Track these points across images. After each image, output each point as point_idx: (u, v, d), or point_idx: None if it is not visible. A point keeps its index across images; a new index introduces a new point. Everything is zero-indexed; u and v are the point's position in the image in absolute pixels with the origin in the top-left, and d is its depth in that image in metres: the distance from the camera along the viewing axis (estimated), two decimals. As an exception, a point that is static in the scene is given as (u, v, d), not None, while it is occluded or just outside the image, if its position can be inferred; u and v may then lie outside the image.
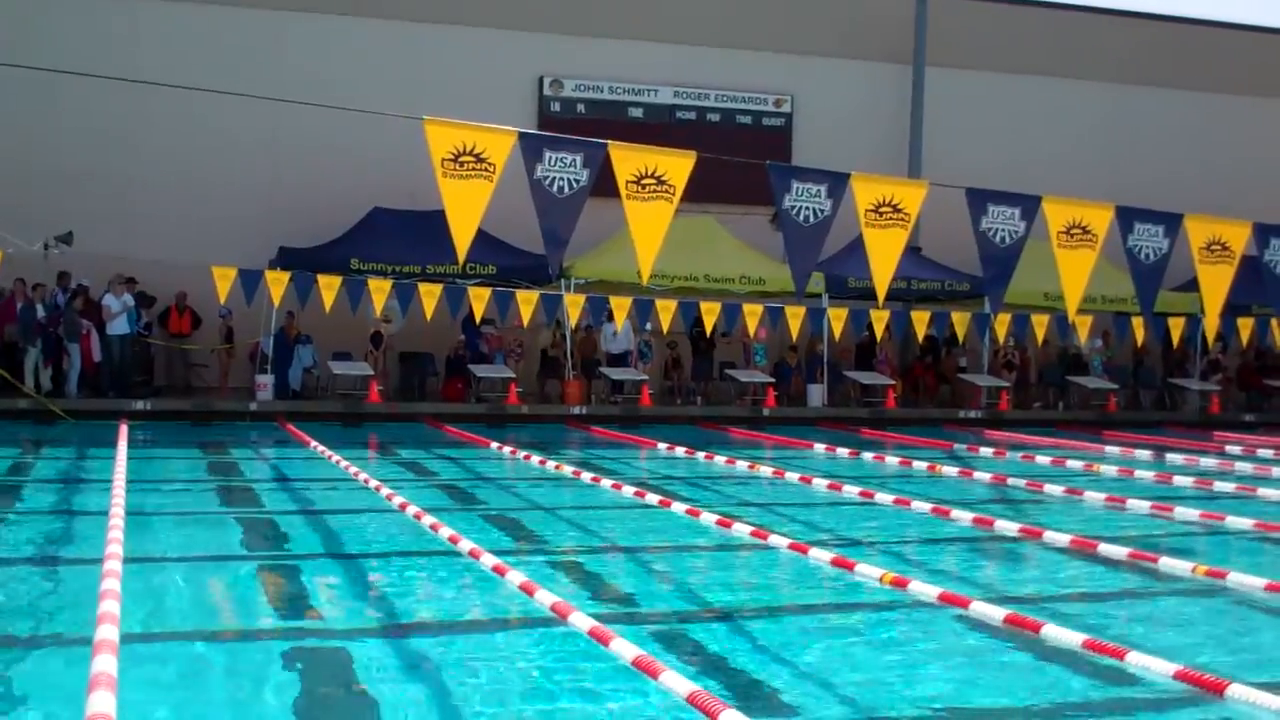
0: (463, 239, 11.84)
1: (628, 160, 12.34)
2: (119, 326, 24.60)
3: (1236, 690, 6.19)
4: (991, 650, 7.44)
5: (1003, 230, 14.17)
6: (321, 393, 27.26)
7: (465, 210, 11.73)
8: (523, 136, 12.22)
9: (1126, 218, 15.01)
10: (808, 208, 13.32)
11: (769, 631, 7.95)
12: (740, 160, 15.92)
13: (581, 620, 7.32)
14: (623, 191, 12.32)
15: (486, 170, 11.61)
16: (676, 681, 6.01)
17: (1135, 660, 6.79)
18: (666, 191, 12.37)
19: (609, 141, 12.47)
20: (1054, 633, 7.43)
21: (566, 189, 12.08)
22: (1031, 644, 7.40)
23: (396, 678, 6.59)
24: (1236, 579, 9.32)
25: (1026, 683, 6.76)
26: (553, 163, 12.09)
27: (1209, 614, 8.83)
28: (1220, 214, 16.33)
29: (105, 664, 5.74)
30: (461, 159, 11.56)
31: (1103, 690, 6.62)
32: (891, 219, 13.65)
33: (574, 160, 12.13)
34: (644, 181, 12.30)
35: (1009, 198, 14.33)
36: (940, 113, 33.54)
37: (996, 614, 7.94)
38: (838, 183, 13.59)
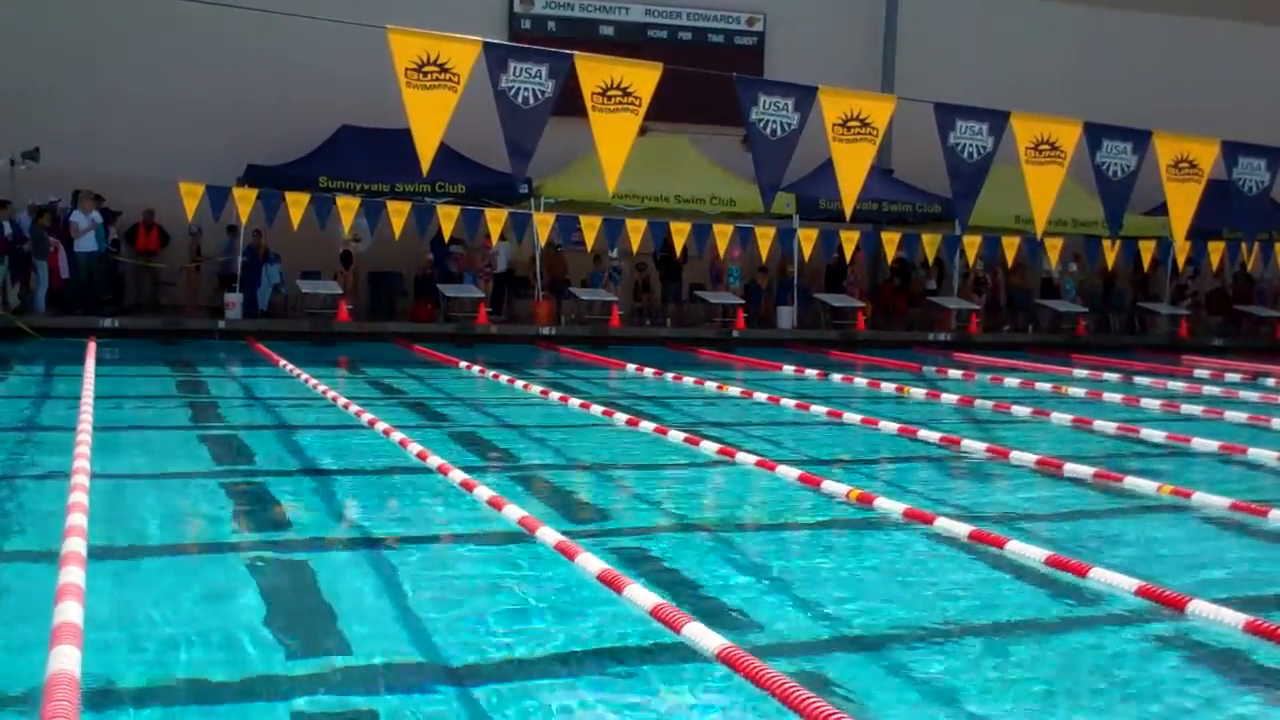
0: (426, 150, 11.73)
1: (593, 72, 12.24)
2: (87, 244, 24.43)
3: (1197, 606, 6.24)
4: (955, 566, 7.48)
5: (971, 145, 14.14)
6: (291, 312, 27.15)
7: (429, 121, 11.62)
8: (487, 46, 12.08)
9: (1095, 134, 14.99)
10: (775, 121, 13.25)
11: (734, 546, 7.99)
12: (707, 73, 15.80)
13: (548, 535, 7.33)
14: (588, 103, 12.23)
15: (451, 80, 11.49)
16: (641, 595, 6.03)
17: (1098, 576, 6.84)
18: (632, 103, 12.27)
19: (574, 52, 12.37)
20: (1017, 549, 7.47)
21: (531, 100, 11.97)
22: (995, 560, 7.45)
23: (364, 591, 6.59)
24: (1201, 498, 9.38)
25: (989, 598, 6.80)
26: (517, 73, 11.98)
27: (1173, 533, 8.89)
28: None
29: (73, 575, 5.74)
30: (425, 69, 11.44)
31: (1065, 606, 6.68)
32: (859, 133, 13.60)
33: (539, 71, 12.02)
34: (610, 93, 12.20)
35: (977, 113, 14.30)
36: (914, 33, 33.38)
37: (961, 530, 7.98)
38: (805, 96, 13.52)
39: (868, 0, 33.78)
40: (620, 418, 13.42)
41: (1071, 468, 10.70)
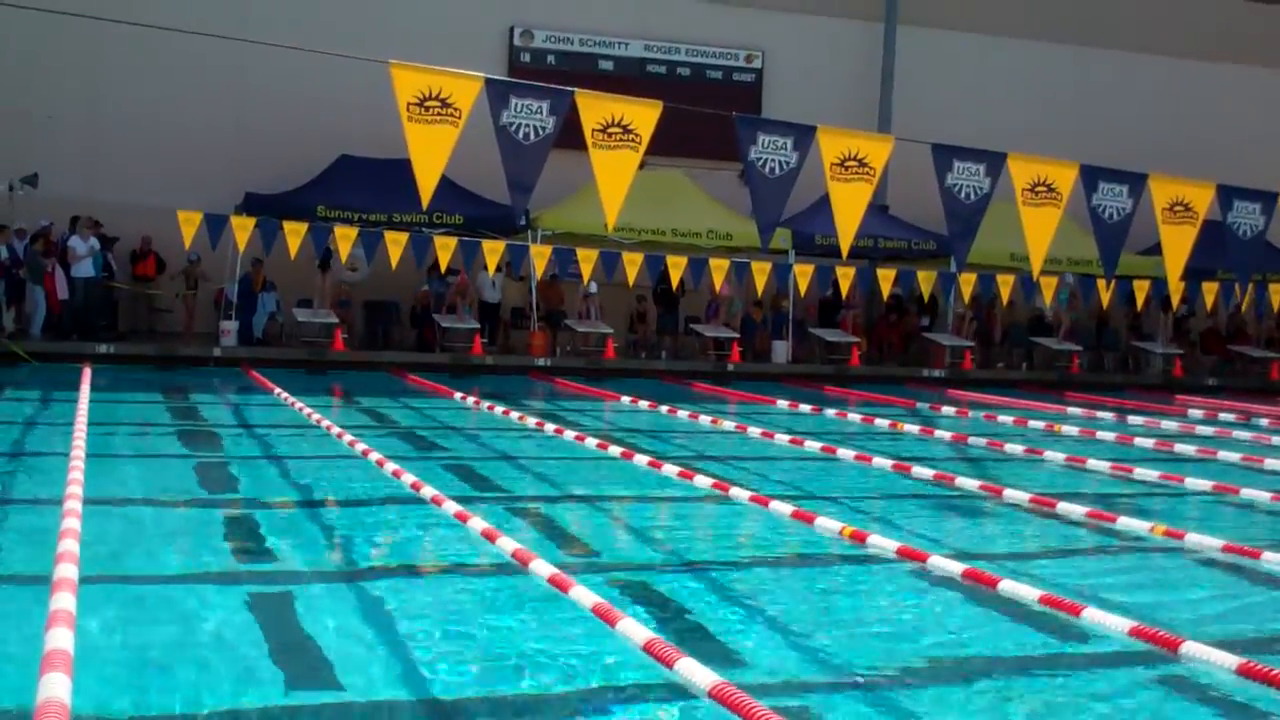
0: (427, 184, 11.76)
1: (594, 109, 12.29)
2: (84, 269, 24.46)
3: (1190, 648, 6.24)
4: (948, 604, 7.48)
5: (968, 186, 14.19)
6: (286, 340, 27.14)
7: (430, 155, 11.66)
8: (489, 82, 12.13)
9: (1091, 176, 15.05)
10: (774, 160, 13.30)
11: (727, 582, 7.97)
12: (707, 112, 15.86)
13: (542, 567, 7.32)
14: (589, 140, 12.27)
15: (452, 115, 11.54)
16: (634, 629, 6.03)
17: (1091, 616, 6.84)
18: (632, 141, 12.32)
19: (575, 89, 12.42)
20: (1011, 588, 7.47)
21: (532, 136, 12.01)
22: (988, 599, 7.44)
23: (357, 622, 6.58)
24: (1194, 539, 9.38)
25: (981, 637, 6.80)
26: (519, 109, 12.03)
27: (1166, 573, 8.89)
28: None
29: (64, 602, 5.74)
30: (427, 103, 11.48)
31: (1058, 646, 6.67)
32: (857, 173, 13.64)
33: (540, 107, 12.07)
34: (610, 130, 12.25)
35: (974, 154, 14.34)
36: (911, 72, 33.49)
37: (955, 569, 7.98)
38: (804, 135, 13.56)
39: (865, 39, 33.89)
40: (615, 450, 13.41)
41: (1065, 506, 10.69)
